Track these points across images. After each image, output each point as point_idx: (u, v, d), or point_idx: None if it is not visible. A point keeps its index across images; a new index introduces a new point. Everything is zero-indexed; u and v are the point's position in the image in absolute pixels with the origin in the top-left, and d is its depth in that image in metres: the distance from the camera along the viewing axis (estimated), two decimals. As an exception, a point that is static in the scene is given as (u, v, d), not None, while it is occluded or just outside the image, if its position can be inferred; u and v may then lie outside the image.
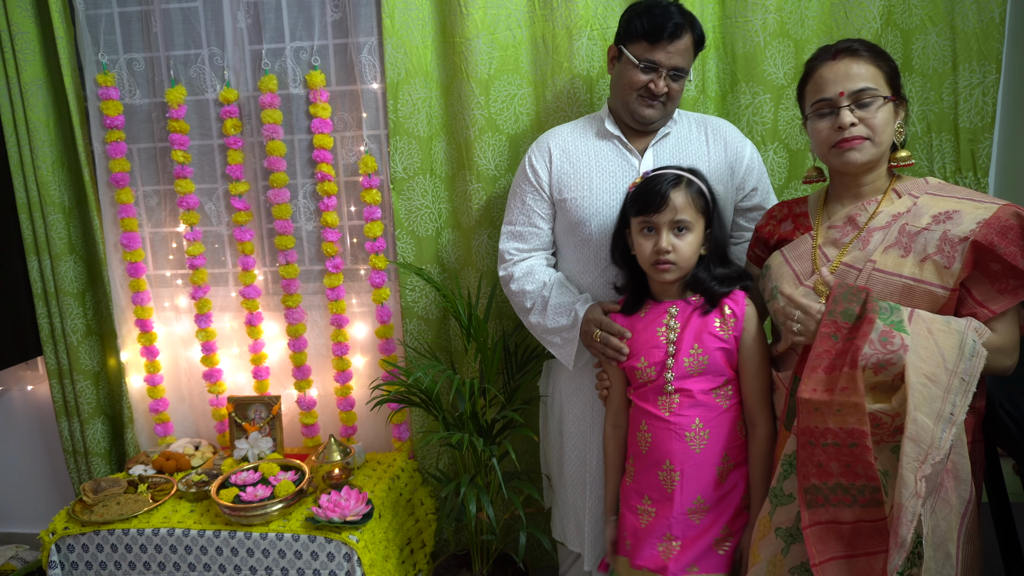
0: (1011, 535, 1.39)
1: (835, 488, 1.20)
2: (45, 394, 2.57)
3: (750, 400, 1.47)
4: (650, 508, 1.49)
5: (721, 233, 1.51)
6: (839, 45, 1.33)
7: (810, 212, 1.46)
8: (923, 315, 1.21)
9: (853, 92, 1.28)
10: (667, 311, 1.51)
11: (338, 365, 2.34)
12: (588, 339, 1.62)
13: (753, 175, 1.74)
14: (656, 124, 1.69)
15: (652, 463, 1.49)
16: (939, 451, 1.10)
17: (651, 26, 1.57)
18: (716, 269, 1.48)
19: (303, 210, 2.31)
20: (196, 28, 2.25)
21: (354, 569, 1.85)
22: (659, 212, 1.43)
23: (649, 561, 1.47)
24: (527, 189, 1.78)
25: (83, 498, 2.07)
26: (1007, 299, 1.22)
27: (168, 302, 2.45)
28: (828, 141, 1.32)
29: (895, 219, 1.30)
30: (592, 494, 1.76)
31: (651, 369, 1.49)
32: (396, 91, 2.12)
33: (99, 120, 2.29)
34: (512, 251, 1.81)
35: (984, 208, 1.23)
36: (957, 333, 1.17)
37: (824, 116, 1.32)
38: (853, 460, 1.17)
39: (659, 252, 1.43)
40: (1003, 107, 1.94)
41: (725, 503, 1.47)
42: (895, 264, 1.26)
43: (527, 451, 2.22)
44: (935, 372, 1.15)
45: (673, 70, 1.61)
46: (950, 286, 1.22)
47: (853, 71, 1.29)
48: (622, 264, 1.59)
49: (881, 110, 1.28)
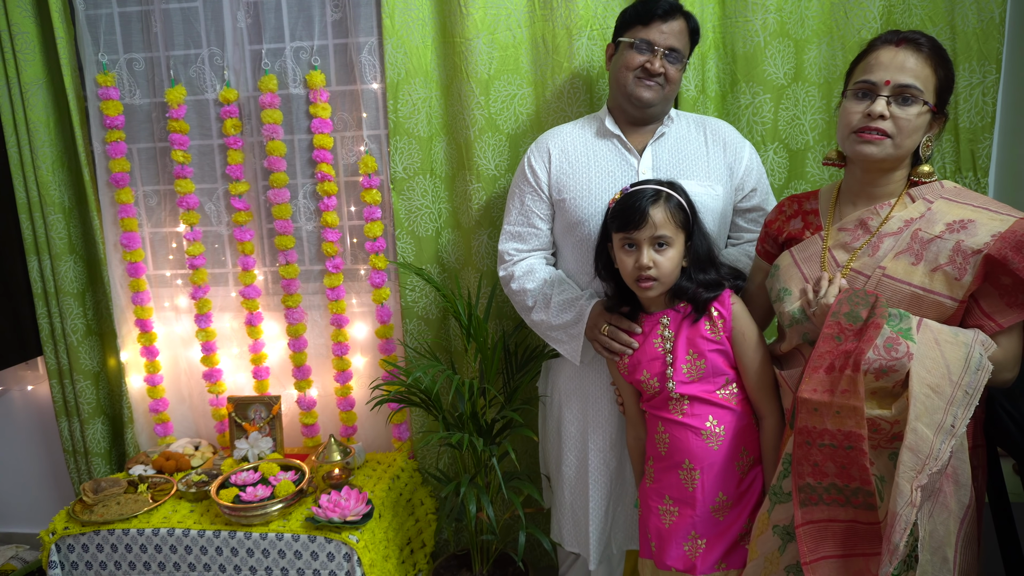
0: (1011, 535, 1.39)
1: (829, 488, 1.20)
2: (45, 394, 2.57)
3: (754, 394, 1.48)
4: (672, 508, 1.50)
5: (703, 244, 1.49)
6: (907, 34, 1.27)
7: (821, 209, 1.43)
8: (931, 325, 1.20)
9: (899, 85, 1.24)
10: (659, 322, 1.51)
11: (338, 365, 2.34)
12: (594, 334, 1.62)
13: (752, 176, 1.74)
14: (655, 110, 1.68)
15: (672, 464, 1.50)
16: (937, 462, 1.10)
17: (644, 8, 1.62)
18: (699, 276, 1.47)
19: (303, 210, 2.31)
20: (196, 28, 2.25)
21: (354, 569, 1.85)
22: (639, 229, 1.42)
23: (677, 561, 1.47)
24: (526, 190, 1.78)
25: (83, 498, 2.07)
26: (1015, 314, 1.20)
27: (168, 302, 2.45)
28: (851, 125, 1.28)
29: (908, 224, 1.28)
30: (596, 493, 1.76)
31: (654, 380, 1.50)
32: (396, 91, 2.12)
33: (99, 120, 2.29)
34: (511, 251, 1.81)
35: (1000, 220, 1.21)
36: (964, 346, 1.16)
37: (861, 98, 1.28)
38: (849, 463, 1.17)
39: (640, 268, 1.43)
40: (1003, 107, 1.94)
41: (747, 497, 1.47)
42: (905, 272, 1.25)
43: (527, 451, 2.22)
44: (939, 383, 1.14)
45: (668, 50, 1.62)
46: (959, 297, 1.21)
47: (909, 64, 1.24)
48: (606, 277, 1.58)
49: (919, 116, 1.25)
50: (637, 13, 1.64)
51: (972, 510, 1.21)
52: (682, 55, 1.64)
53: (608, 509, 1.79)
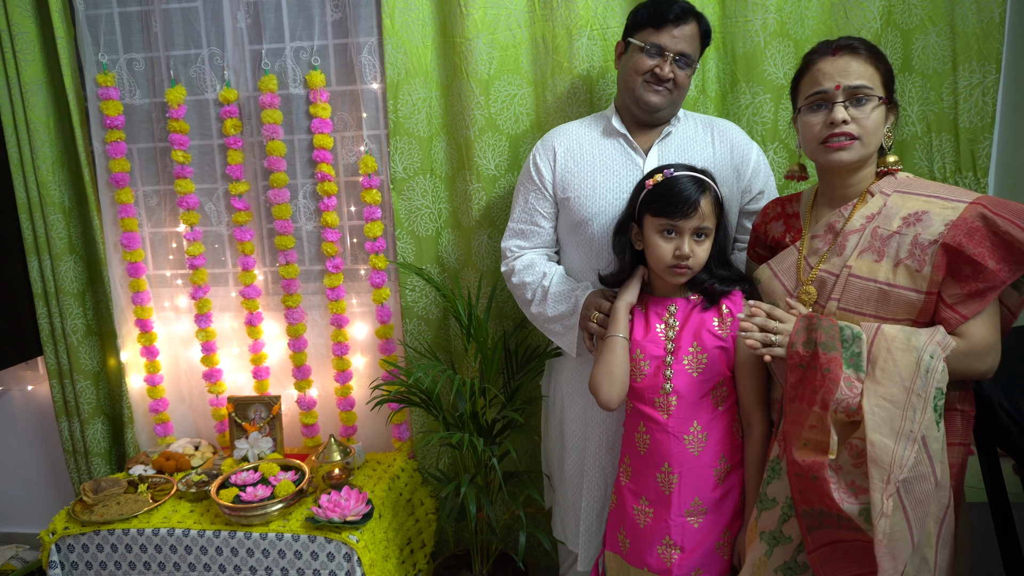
0: (1011, 535, 1.39)
1: (819, 513, 1.20)
2: (45, 394, 2.57)
3: (746, 401, 1.47)
4: (647, 509, 1.49)
5: (725, 237, 1.51)
6: (840, 41, 1.31)
7: (801, 213, 1.45)
8: (887, 333, 1.21)
9: (849, 88, 1.27)
10: (667, 308, 1.50)
11: (338, 365, 2.34)
12: (586, 323, 1.61)
13: (760, 178, 1.74)
14: (663, 113, 1.68)
15: (650, 464, 1.49)
16: (903, 469, 1.11)
17: (656, 11, 1.60)
18: (717, 270, 1.49)
19: (303, 210, 2.31)
20: (196, 28, 2.25)
21: (354, 569, 1.85)
22: (687, 218, 1.41)
23: (652, 564, 1.47)
24: (530, 188, 1.78)
25: (83, 498, 2.07)
26: (976, 303, 1.21)
27: (168, 302, 2.45)
28: (818, 137, 1.30)
29: (868, 220, 1.30)
30: (588, 494, 1.76)
31: (646, 363, 1.48)
32: (396, 91, 2.12)
33: (99, 120, 2.29)
34: (514, 248, 1.82)
35: (952, 208, 1.23)
36: (915, 350, 1.18)
37: (817, 110, 1.31)
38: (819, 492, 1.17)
39: (681, 257, 1.42)
40: (1003, 107, 1.94)
41: (723, 506, 1.46)
42: (869, 269, 1.27)
43: (527, 451, 2.22)
44: (893, 392, 1.16)
45: (679, 55, 1.61)
46: (923, 289, 1.22)
47: (852, 68, 1.28)
48: (622, 255, 1.55)
49: (875, 111, 1.28)
50: (650, 16, 1.61)
51: (951, 509, 1.21)
52: (692, 60, 1.64)
53: (601, 511, 1.78)
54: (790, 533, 1.29)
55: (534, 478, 2.14)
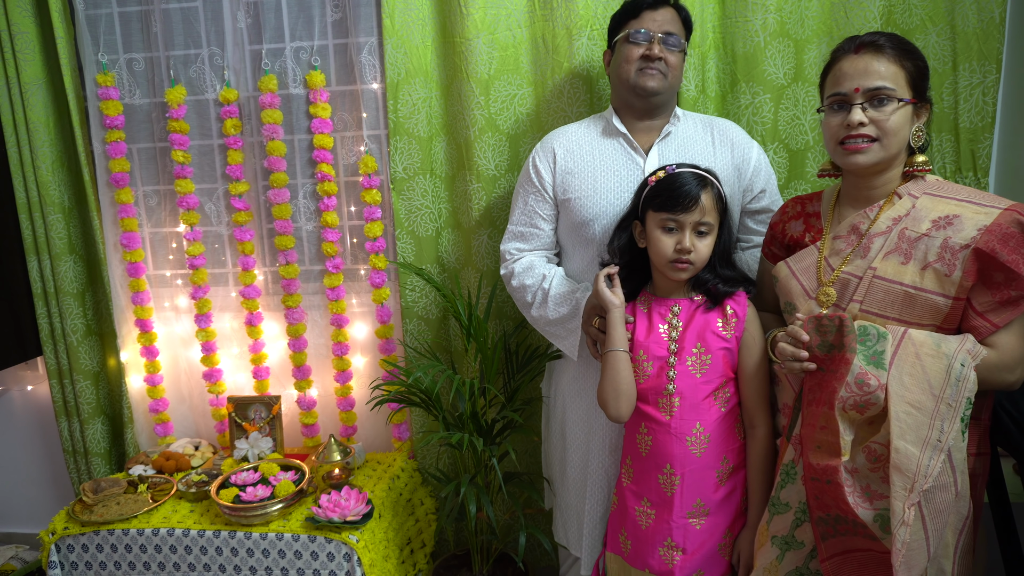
0: (1011, 535, 1.39)
1: (836, 520, 1.19)
2: (45, 394, 2.57)
3: (749, 402, 1.46)
4: (649, 510, 1.49)
5: (729, 236, 1.50)
6: (864, 38, 1.26)
7: (823, 213, 1.42)
8: (915, 338, 1.18)
9: (868, 90, 1.23)
10: (671, 309, 1.50)
11: (338, 365, 2.34)
12: (588, 328, 1.61)
13: (761, 177, 1.74)
14: (660, 99, 1.68)
15: (652, 466, 1.48)
16: (927, 479, 1.09)
17: (631, 4, 1.67)
18: (721, 270, 1.48)
19: (303, 210, 2.31)
20: (196, 28, 2.25)
21: (354, 569, 1.85)
22: (688, 212, 1.41)
23: (654, 565, 1.47)
24: (530, 190, 1.78)
25: (83, 498, 2.07)
26: (1008, 311, 1.18)
27: (168, 302, 2.45)
28: (836, 137, 1.28)
29: (895, 223, 1.27)
30: (591, 497, 1.76)
31: (649, 364, 1.48)
32: (396, 91, 2.12)
33: (99, 120, 2.29)
34: (513, 251, 1.81)
35: (985, 213, 1.20)
36: (945, 357, 1.15)
37: (837, 111, 1.28)
38: (835, 496, 1.16)
39: (682, 252, 1.42)
40: (1003, 107, 1.94)
41: (725, 507, 1.46)
42: (895, 271, 1.23)
43: (527, 451, 2.22)
44: (921, 399, 1.13)
45: (664, 34, 1.63)
46: (951, 295, 1.19)
47: (873, 68, 1.24)
48: (622, 254, 1.55)
49: (897, 112, 1.23)
50: (625, 11, 1.68)
51: (970, 520, 1.19)
52: (679, 39, 1.65)
53: (604, 515, 1.78)
54: (803, 538, 1.28)
55: (534, 478, 2.14)
